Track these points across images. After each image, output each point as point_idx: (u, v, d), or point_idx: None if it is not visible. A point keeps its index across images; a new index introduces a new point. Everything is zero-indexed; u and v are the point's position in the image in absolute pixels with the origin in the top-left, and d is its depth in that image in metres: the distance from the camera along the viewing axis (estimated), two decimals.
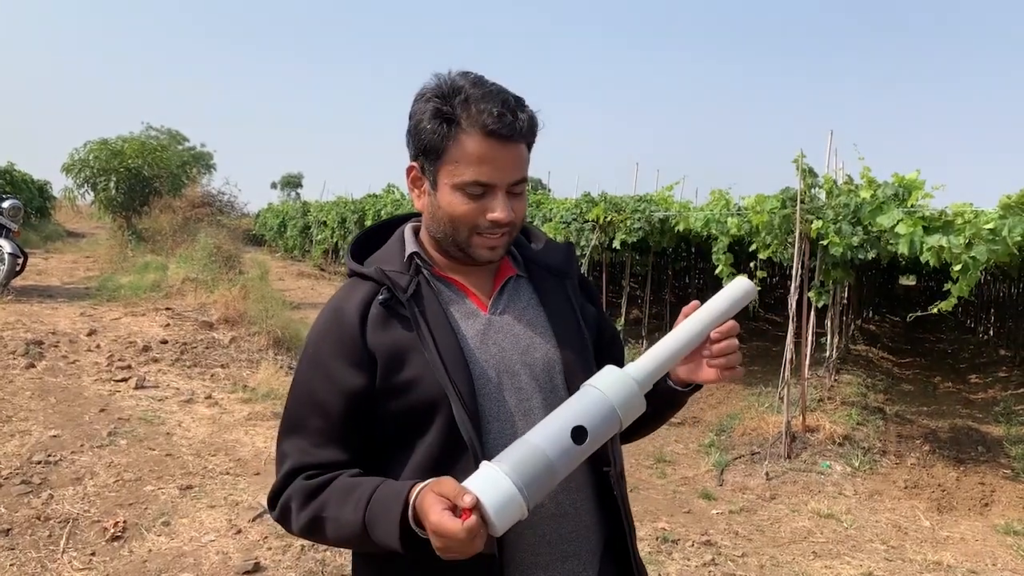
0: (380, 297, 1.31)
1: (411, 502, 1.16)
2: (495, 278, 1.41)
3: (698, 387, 1.40)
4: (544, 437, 1.12)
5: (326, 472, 1.29)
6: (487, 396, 1.30)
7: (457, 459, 1.25)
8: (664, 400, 1.41)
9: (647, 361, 1.24)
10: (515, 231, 1.35)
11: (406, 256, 1.37)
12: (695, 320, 1.30)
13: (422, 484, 1.17)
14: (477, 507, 1.06)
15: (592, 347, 1.42)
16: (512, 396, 1.32)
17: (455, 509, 1.07)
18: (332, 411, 1.30)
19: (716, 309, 1.32)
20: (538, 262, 1.46)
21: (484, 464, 1.11)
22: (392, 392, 1.28)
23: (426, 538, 1.13)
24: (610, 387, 1.17)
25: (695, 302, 1.35)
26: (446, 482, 1.11)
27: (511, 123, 1.25)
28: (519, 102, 1.30)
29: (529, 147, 1.34)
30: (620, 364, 1.30)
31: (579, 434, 1.12)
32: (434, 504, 1.09)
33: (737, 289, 1.34)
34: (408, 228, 1.43)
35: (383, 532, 1.17)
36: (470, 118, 1.25)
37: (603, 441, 1.17)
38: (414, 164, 1.36)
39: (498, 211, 1.28)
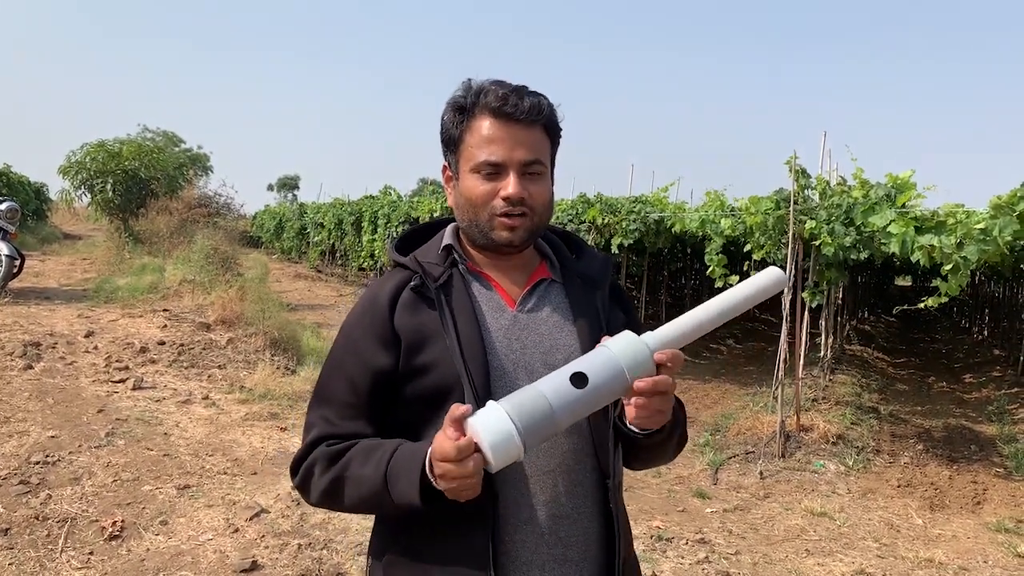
0: (412, 283, 1.37)
1: (428, 456, 1.20)
2: (528, 278, 1.45)
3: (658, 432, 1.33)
4: (547, 383, 1.17)
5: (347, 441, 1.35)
6: (501, 389, 1.32)
7: None
8: (638, 447, 1.37)
9: (664, 330, 1.26)
10: (537, 216, 1.37)
11: (442, 248, 1.43)
12: (718, 299, 1.30)
13: None
14: (474, 438, 1.12)
15: None
16: None
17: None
18: (360, 387, 1.35)
19: (742, 292, 1.31)
20: (574, 270, 1.49)
21: (489, 403, 1.15)
22: (411, 374, 1.33)
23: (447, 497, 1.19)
24: (621, 348, 1.19)
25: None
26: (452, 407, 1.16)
27: (516, 103, 1.32)
28: (530, 91, 1.36)
29: (550, 134, 1.39)
30: None
31: (579, 379, 1.16)
32: (437, 436, 1.16)
33: (767, 276, 1.32)
34: (451, 226, 1.48)
35: (403, 485, 1.22)
36: (480, 104, 1.34)
37: (609, 397, 1.20)
38: (445, 163, 1.44)
39: (509, 188, 1.32)
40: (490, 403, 1.15)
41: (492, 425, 1.11)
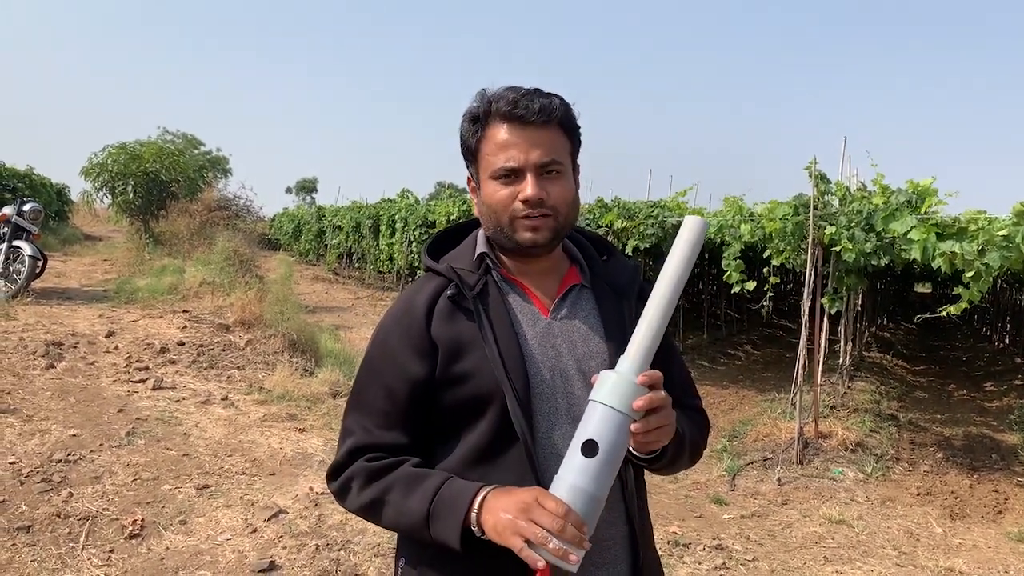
0: (448, 292, 1.38)
1: (476, 502, 1.22)
2: (559, 284, 1.46)
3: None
4: (574, 471, 1.18)
5: (387, 455, 1.35)
6: (540, 396, 1.35)
7: (505, 452, 1.32)
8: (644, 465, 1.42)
9: (634, 349, 1.25)
10: (561, 216, 1.37)
11: (476, 256, 1.43)
12: (664, 284, 1.27)
13: (489, 488, 1.24)
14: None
15: None
16: (564, 399, 1.37)
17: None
18: (397, 395, 1.36)
19: (679, 260, 1.28)
20: (602, 275, 1.50)
21: None
22: (450, 382, 1.34)
23: (484, 539, 1.21)
24: (607, 394, 1.20)
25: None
26: (550, 498, 1.17)
27: (527, 106, 1.32)
28: (542, 93, 1.36)
29: (567, 133, 1.39)
30: (678, 374, 1.41)
31: (589, 448, 1.17)
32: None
33: (691, 230, 1.29)
34: (482, 231, 1.48)
35: (444, 527, 1.23)
36: (493, 112, 1.35)
37: (624, 444, 1.21)
38: (468, 175, 1.46)
39: (527, 190, 1.33)
40: None
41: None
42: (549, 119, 1.34)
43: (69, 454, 4.80)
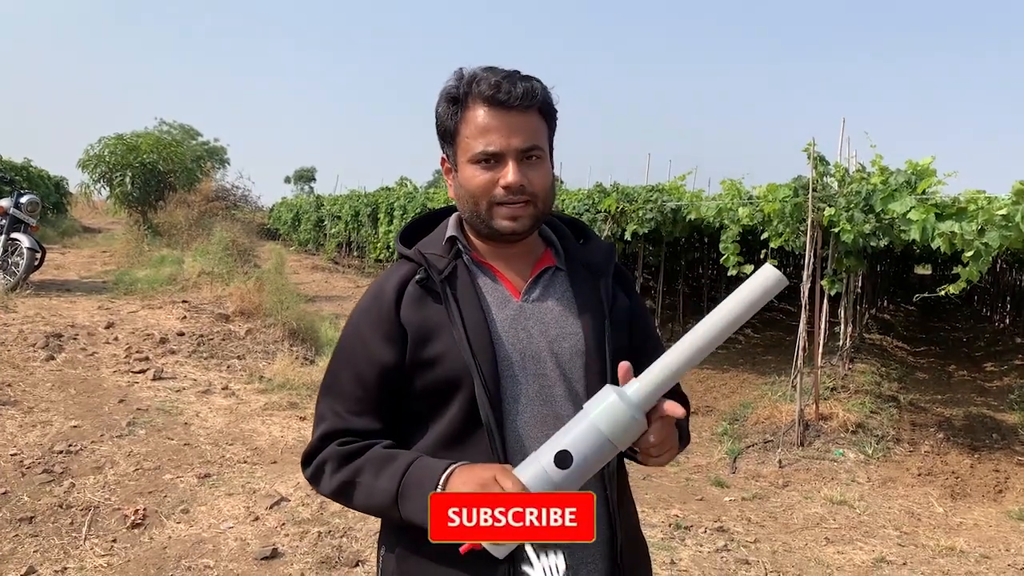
0: (417, 277, 1.37)
1: (442, 479, 1.22)
2: (532, 267, 1.44)
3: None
4: (542, 460, 1.18)
5: (359, 439, 1.35)
6: (510, 378, 1.33)
7: (474, 436, 1.31)
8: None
9: (647, 379, 1.20)
10: (540, 203, 1.36)
11: (446, 239, 1.42)
12: (711, 321, 1.20)
13: (456, 464, 1.24)
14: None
15: (624, 340, 1.43)
16: (535, 381, 1.35)
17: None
18: (368, 381, 1.36)
19: (739, 302, 1.19)
20: (578, 258, 1.48)
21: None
22: (419, 366, 1.33)
23: None
24: (599, 413, 1.17)
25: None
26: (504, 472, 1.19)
27: (509, 90, 1.30)
28: (523, 76, 1.35)
29: (546, 117, 1.38)
30: (653, 353, 1.29)
31: (562, 459, 1.16)
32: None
33: (763, 279, 1.18)
34: (454, 216, 1.47)
35: (412, 506, 1.24)
36: (473, 94, 1.33)
37: (600, 464, 1.20)
38: (443, 156, 1.43)
39: (508, 176, 1.31)
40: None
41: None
42: (531, 104, 1.33)
43: (70, 445, 4.81)
